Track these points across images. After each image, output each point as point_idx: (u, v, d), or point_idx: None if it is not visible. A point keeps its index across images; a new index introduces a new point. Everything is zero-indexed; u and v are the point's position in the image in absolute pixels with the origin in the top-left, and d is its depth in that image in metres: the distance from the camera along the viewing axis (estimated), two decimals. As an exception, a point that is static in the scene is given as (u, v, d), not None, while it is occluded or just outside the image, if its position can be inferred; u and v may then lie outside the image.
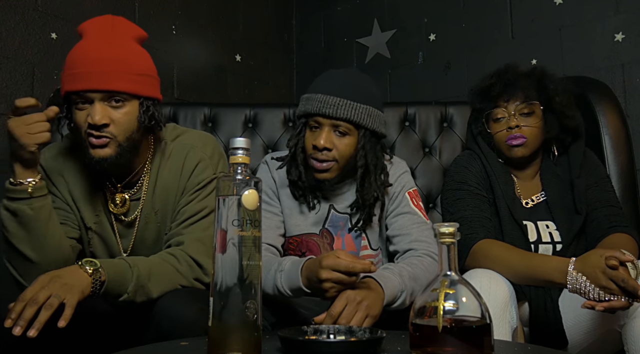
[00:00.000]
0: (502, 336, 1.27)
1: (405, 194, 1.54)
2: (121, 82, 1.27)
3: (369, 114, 1.45)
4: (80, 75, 1.26)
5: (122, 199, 1.40)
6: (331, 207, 1.55)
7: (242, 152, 0.91)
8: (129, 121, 1.30)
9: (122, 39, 1.31)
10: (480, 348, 0.85)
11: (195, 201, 1.39)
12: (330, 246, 1.54)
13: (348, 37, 2.88)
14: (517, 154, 1.63)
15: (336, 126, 1.44)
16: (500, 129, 1.64)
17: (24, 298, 1.06)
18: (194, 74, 2.54)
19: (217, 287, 0.86)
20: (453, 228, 0.89)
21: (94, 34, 1.31)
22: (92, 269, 1.16)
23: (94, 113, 1.26)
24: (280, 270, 1.32)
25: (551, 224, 1.61)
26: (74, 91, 1.27)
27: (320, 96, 1.44)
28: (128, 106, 1.30)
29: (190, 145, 1.43)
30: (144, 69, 1.33)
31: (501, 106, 1.64)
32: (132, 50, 1.32)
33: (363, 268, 1.17)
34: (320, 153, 1.44)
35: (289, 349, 0.95)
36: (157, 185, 1.41)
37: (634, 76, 2.10)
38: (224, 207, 0.88)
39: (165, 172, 1.41)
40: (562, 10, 2.26)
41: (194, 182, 1.40)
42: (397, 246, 1.50)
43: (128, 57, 1.30)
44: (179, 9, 2.49)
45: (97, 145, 1.28)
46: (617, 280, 1.21)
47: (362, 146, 1.46)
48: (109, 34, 1.31)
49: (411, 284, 1.31)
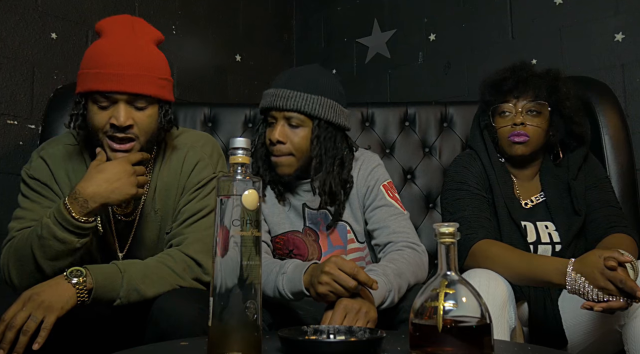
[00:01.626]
0: (500, 336, 1.27)
1: (380, 187, 1.55)
2: (148, 86, 1.28)
3: (321, 104, 1.45)
4: (109, 76, 1.25)
5: None
6: (304, 206, 1.56)
7: (242, 152, 0.91)
8: (151, 123, 1.32)
9: (144, 42, 1.32)
10: (480, 348, 0.85)
11: (195, 201, 1.39)
12: (316, 242, 1.55)
13: (348, 37, 2.88)
14: (517, 151, 1.63)
15: (288, 118, 1.45)
16: (505, 125, 1.63)
17: (4, 319, 1.09)
18: (194, 74, 2.54)
19: (217, 287, 0.86)
20: (453, 228, 0.89)
21: (114, 34, 1.31)
22: (77, 279, 1.16)
23: (119, 114, 1.26)
24: (282, 272, 1.33)
25: (550, 224, 1.61)
26: (101, 91, 1.26)
27: (272, 90, 1.47)
28: (150, 109, 1.31)
29: (190, 145, 1.44)
30: (165, 73, 1.35)
31: (510, 102, 1.63)
32: (155, 54, 1.34)
33: (366, 279, 1.18)
34: (274, 147, 1.45)
35: (289, 349, 0.95)
36: (158, 185, 1.41)
37: (634, 76, 2.10)
38: (224, 208, 0.88)
39: (165, 172, 1.41)
40: (562, 10, 2.27)
41: (193, 182, 1.40)
42: (377, 239, 1.51)
43: (153, 62, 1.31)
44: (179, 9, 2.49)
45: (119, 150, 1.29)
46: (615, 281, 1.21)
47: (316, 136, 1.46)
48: (130, 35, 1.31)
49: (397, 282, 1.32)
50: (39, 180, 1.37)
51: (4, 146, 1.91)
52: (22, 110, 1.95)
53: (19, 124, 1.94)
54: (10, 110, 1.93)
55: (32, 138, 1.96)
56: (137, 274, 1.24)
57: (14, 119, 1.93)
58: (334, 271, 1.19)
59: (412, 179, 2.04)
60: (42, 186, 1.37)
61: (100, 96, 1.27)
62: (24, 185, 1.39)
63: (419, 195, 2.01)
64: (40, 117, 1.96)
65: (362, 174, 1.56)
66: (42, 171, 1.38)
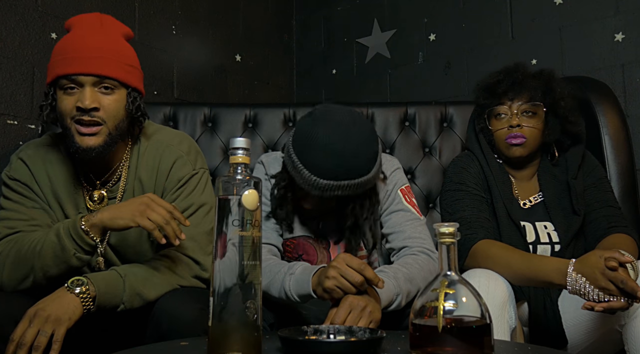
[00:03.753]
0: (500, 336, 1.27)
1: (398, 191, 1.53)
2: (114, 69, 1.29)
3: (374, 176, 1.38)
4: (73, 59, 1.27)
5: (100, 196, 1.39)
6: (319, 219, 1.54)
7: (242, 152, 0.91)
8: (118, 108, 1.31)
9: (111, 33, 1.34)
10: (480, 348, 0.85)
11: (179, 199, 1.38)
12: (327, 250, 1.54)
13: (348, 37, 2.88)
14: (515, 153, 1.63)
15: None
16: (501, 127, 1.64)
17: (13, 339, 1.08)
18: (194, 74, 2.54)
19: (217, 287, 0.86)
20: (453, 228, 0.89)
21: (83, 27, 1.33)
22: (80, 288, 1.16)
23: (85, 97, 1.26)
24: (290, 273, 1.32)
25: (549, 224, 1.61)
26: (65, 74, 1.27)
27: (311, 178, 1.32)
28: (117, 93, 1.31)
29: (166, 143, 1.42)
30: (133, 61, 1.35)
31: (505, 104, 1.64)
32: (122, 43, 1.35)
33: (373, 276, 1.18)
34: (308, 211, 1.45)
35: (289, 349, 0.95)
36: (136, 184, 1.40)
37: (634, 76, 2.10)
38: (224, 208, 0.88)
39: (141, 170, 1.40)
40: (562, 10, 2.26)
41: (173, 181, 1.39)
42: (392, 243, 1.50)
43: (119, 48, 1.33)
44: (179, 9, 2.49)
45: (86, 133, 1.28)
46: (616, 281, 1.21)
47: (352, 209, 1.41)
48: (98, 28, 1.33)
49: (406, 286, 1.31)
50: (19, 181, 1.37)
51: (3, 146, 1.91)
52: (22, 110, 1.95)
53: (19, 124, 1.94)
54: (10, 110, 1.93)
55: (32, 138, 1.95)
56: (138, 277, 1.23)
57: (14, 119, 1.93)
58: (341, 265, 1.19)
59: (412, 179, 2.04)
60: (23, 187, 1.37)
61: (66, 81, 1.28)
62: (5, 188, 1.38)
63: (419, 195, 2.01)
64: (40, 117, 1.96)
65: None
66: (22, 172, 1.38)
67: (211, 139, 2.04)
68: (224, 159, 2.02)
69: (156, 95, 2.36)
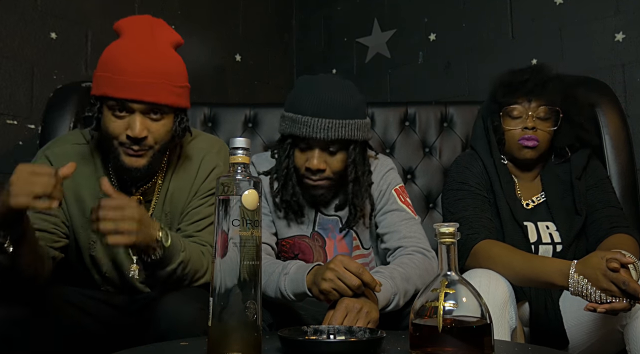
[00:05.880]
0: (501, 336, 1.27)
1: (392, 191, 1.54)
2: (165, 95, 1.26)
3: (358, 128, 1.43)
4: (125, 83, 1.22)
5: (138, 201, 1.36)
6: (318, 211, 1.55)
7: (242, 152, 0.91)
8: (166, 133, 1.30)
9: (164, 47, 1.29)
10: (480, 348, 0.85)
11: (206, 204, 1.39)
12: (323, 248, 1.54)
13: (348, 37, 2.88)
14: (526, 155, 1.62)
15: (327, 146, 1.42)
16: (515, 127, 1.62)
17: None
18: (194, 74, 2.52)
19: (217, 287, 0.86)
20: (453, 228, 0.89)
21: (133, 36, 1.27)
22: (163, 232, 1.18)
23: (135, 126, 1.24)
24: (285, 273, 1.32)
25: (551, 225, 1.61)
26: (116, 98, 1.23)
27: (309, 119, 1.39)
28: (166, 118, 1.29)
29: (206, 150, 1.44)
30: (184, 80, 1.32)
31: (522, 104, 1.62)
32: (174, 60, 1.31)
33: (370, 279, 1.18)
34: (313, 175, 1.43)
35: (289, 349, 0.94)
36: (170, 187, 1.40)
37: (634, 76, 2.10)
38: (224, 208, 0.88)
39: (180, 175, 1.41)
40: (562, 10, 2.26)
41: (207, 187, 1.40)
42: (387, 243, 1.50)
43: (171, 69, 1.28)
44: (179, 9, 2.49)
45: (132, 155, 1.27)
46: (618, 282, 1.21)
47: (353, 160, 1.45)
48: (149, 39, 1.27)
49: (403, 286, 1.31)
50: None
51: (3, 146, 1.91)
52: (22, 110, 1.95)
53: (18, 124, 1.94)
54: (10, 110, 1.92)
55: (32, 138, 1.96)
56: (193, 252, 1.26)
57: (14, 119, 1.93)
58: (339, 268, 1.18)
59: (412, 179, 2.04)
60: None
61: (115, 103, 1.24)
62: None
63: (419, 195, 2.01)
64: (39, 117, 1.95)
65: (374, 178, 1.55)
66: None
67: (211, 139, 2.04)
68: (224, 159, 2.02)
69: (156, 95, 2.36)
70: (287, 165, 1.47)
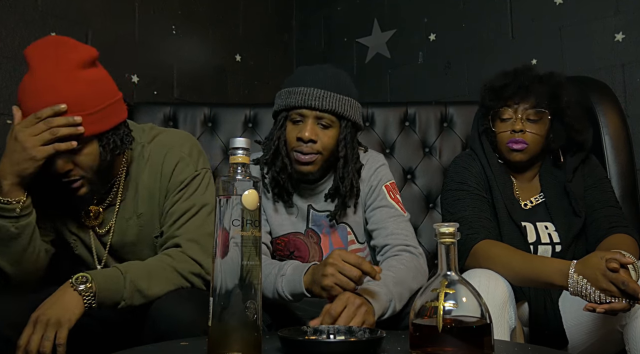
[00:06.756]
0: (500, 336, 1.27)
1: (382, 187, 1.54)
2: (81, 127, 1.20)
3: (351, 106, 1.47)
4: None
5: (96, 212, 1.39)
6: (310, 207, 1.55)
7: (242, 152, 0.91)
8: (92, 161, 1.25)
9: (68, 74, 1.21)
10: (480, 348, 0.85)
11: (181, 201, 1.38)
12: (318, 244, 1.55)
13: (348, 37, 2.88)
14: (515, 158, 1.62)
15: (320, 118, 1.44)
16: (504, 130, 1.62)
17: (19, 346, 1.09)
18: (194, 74, 2.54)
19: (217, 287, 0.86)
20: (453, 228, 0.89)
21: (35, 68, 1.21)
22: (84, 286, 1.16)
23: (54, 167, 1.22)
24: (281, 274, 1.32)
25: (550, 225, 1.61)
26: None
27: (304, 89, 1.44)
28: (88, 147, 1.24)
29: (169, 145, 1.41)
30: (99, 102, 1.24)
31: (510, 107, 1.62)
32: (81, 84, 1.21)
33: (370, 269, 1.18)
34: (305, 145, 1.44)
35: (289, 349, 0.95)
36: (139, 188, 1.39)
37: (634, 76, 2.10)
38: (224, 208, 0.88)
39: (146, 175, 1.39)
40: (562, 10, 2.26)
41: (176, 182, 1.38)
42: (375, 240, 1.51)
43: (78, 97, 1.21)
44: (179, 9, 2.49)
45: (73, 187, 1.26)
46: (617, 283, 1.21)
47: (344, 137, 1.47)
48: (52, 69, 1.20)
49: (397, 290, 1.31)
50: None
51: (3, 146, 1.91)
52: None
53: (18, 124, 1.94)
54: (10, 110, 1.92)
55: (32, 138, 1.96)
56: (139, 274, 1.23)
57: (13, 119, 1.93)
58: (338, 262, 1.19)
59: (412, 179, 2.04)
60: None
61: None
62: None
63: (419, 195, 2.01)
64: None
65: (365, 174, 1.55)
66: None
67: (211, 139, 2.04)
68: (224, 159, 2.02)
69: (156, 95, 2.36)
70: (278, 136, 1.48)
